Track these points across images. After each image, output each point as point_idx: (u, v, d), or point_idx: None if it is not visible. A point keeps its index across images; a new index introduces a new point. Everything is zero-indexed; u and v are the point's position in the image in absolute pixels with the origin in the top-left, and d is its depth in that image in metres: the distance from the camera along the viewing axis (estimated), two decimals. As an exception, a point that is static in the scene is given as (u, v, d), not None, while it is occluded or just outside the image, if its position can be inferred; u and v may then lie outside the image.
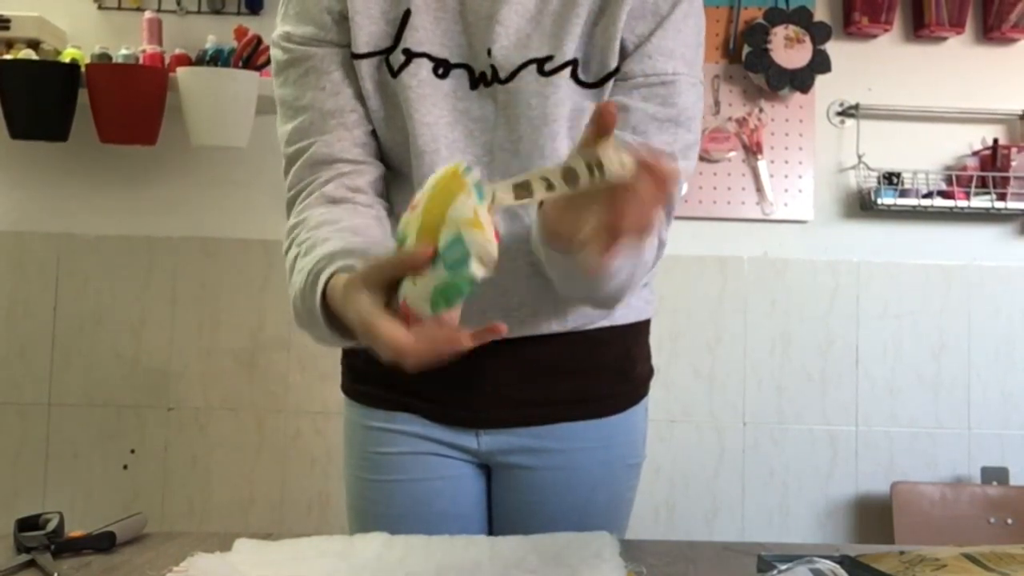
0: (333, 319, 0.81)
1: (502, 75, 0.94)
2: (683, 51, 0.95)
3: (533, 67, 0.93)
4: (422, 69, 0.95)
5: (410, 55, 0.95)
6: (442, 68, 0.95)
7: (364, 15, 0.95)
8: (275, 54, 1.00)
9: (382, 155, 1.02)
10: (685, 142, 0.95)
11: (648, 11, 0.94)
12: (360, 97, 0.98)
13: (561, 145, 0.95)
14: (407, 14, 0.95)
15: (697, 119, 0.96)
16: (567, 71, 0.94)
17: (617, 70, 0.95)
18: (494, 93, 0.95)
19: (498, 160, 0.96)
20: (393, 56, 0.96)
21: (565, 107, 0.94)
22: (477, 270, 0.67)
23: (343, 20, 0.96)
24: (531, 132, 0.94)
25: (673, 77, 0.94)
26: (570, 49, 0.93)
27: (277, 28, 1.00)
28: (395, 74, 0.95)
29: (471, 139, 0.96)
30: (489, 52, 0.94)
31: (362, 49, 0.95)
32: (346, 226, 0.90)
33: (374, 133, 1.00)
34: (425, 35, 0.95)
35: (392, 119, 0.98)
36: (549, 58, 0.93)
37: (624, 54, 0.95)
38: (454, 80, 0.96)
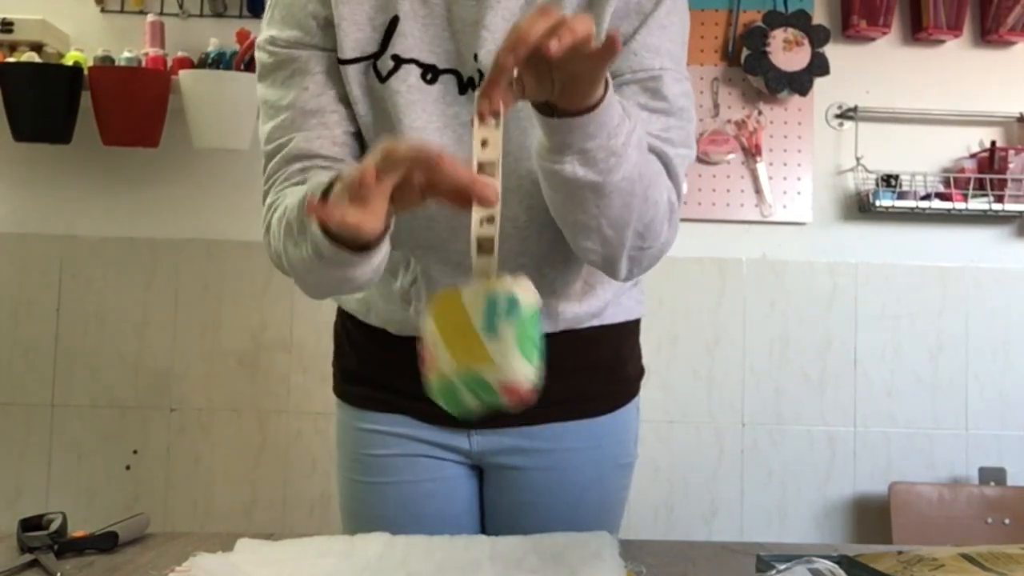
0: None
1: None
2: (669, 47, 0.96)
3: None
4: (411, 75, 0.96)
5: (399, 61, 0.95)
6: (430, 74, 0.96)
7: (350, 21, 0.95)
8: (260, 57, 1.01)
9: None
10: (680, 130, 0.95)
11: (632, 10, 0.95)
12: (343, 100, 0.98)
13: None
14: (395, 20, 0.95)
15: (688, 110, 0.96)
16: None
17: None
18: None
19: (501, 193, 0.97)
20: (381, 62, 0.96)
21: None
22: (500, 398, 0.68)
23: (328, 25, 0.96)
24: (518, 134, 0.95)
25: (660, 72, 0.94)
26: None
27: (262, 32, 1.00)
28: (383, 80, 0.96)
29: (460, 144, 0.97)
30: (475, 57, 0.95)
31: (349, 55, 0.96)
32: (328, 173, 0.89)
33: (356, 135, 1.00)
34: (413, 41, 0.96)
35: (380, 124, 0.98)
36: None
37: None
38: (442, 85, 0.96)
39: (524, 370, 0.66)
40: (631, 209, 0.87)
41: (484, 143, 0.72)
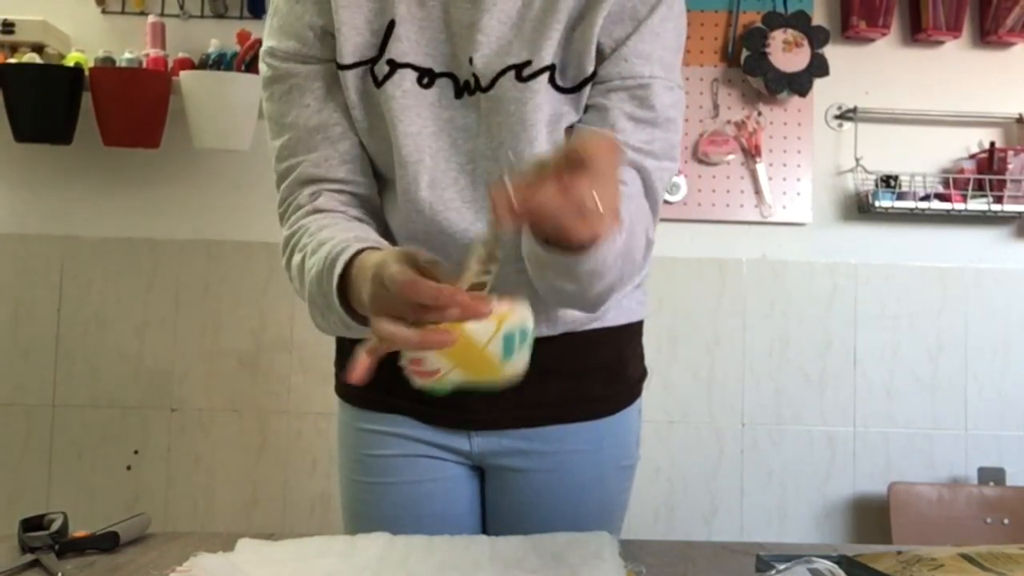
0: (350, 303, 0.82)
1: (483, 83, 0.94)
2: (660, 54, 0.95)
3: (511, 73, 0.93)
4: (406, 79, 0.95)
5: (394, 65, 0.95)
6: (427, 78, 0.96)
7: (350, 26, 0.95)
8: (261, 68, 1.01)
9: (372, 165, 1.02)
10: (664, 142, 0.95)
11: (626, 15, 0.94)
12: (345, 110, 0.98)
13: (540, 150, 0.95)
14: (391, 24, 0.95)
15: (676, 121, 0.96)
16: (544, 76, 0.93)
17: (594, 75, 0.95)
18: (477, 101, 0.96)
19: (480, 168, 0.97)
20: (377, 66, 0.96)
21: (543, 112, 0.94)
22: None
23: (325, 35, 0.96)
24: (511, 138, 0.94)
25: (649, 80, 0.93)
26: (548, 54, 0.93)
27: (264, 41, 1.01)
28: (379, 84, 0.96)
29: (455, 148, 0.97)
30: (471, 61, 0.94)
31: (347, 60, 0.96)
32: (347, 227, 0.91)
33: (362, 144, 1.00)
34: (409, 45, 0.95)
35: (376, 128, 0.98)
36: (527, 63, 0.93)
37: (601, 58, 0.95)
38: (438, 89, 0.96)
39: (522, 368, 0.75)
40: (610, 293, 0.89)
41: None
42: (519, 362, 0.74)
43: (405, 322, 0.70)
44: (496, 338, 0.72)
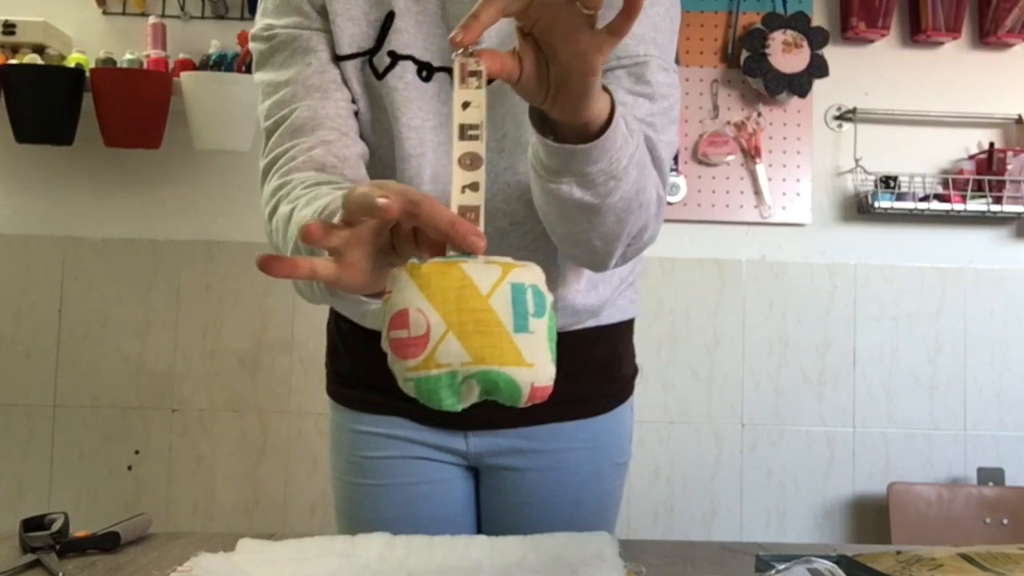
0: None
1: None
2: (653, 35, 0.95)
3: None
4: (407, 72, 0.95)
5: (396, 57, 0.95)
6: (426, 71, 0.95)
7: (345, 16, 0.94)
8: (256, 48, 0.98)
9: (367, 164, 1.00)
10: (664, 116, 0.94)
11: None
12: (346, 85, 0.96)
13: None
14: (390, 16, 0.94)
15: (671, 98, 0.95)
16: None
17: None
18: None
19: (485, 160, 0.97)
20: (377, 58, 0.95)
21: None
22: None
23: (324, 13, 0.95)
24: (514, 129, 0.95)
25: (645, 58, 0.93)
26: None
27: (256, 24, 0.98)
28: (380, 76, 0.95)
29: None
30: None
31: (345, 51, 0.95)
32: (347, 185, 0.82)
33: (358, 115, 0.97)
34: (409, 38, 0.95)
35: (379, 121, 0.98)
36: None
37: None
38: (438, 83, 0.96)
39: (552, 372, 0.62)
40: (624, 224, 0.85)
41: (465, 105, 0.64)
42: (537, 343, 0.59)
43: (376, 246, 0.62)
44: (501, 288, 0.57)
